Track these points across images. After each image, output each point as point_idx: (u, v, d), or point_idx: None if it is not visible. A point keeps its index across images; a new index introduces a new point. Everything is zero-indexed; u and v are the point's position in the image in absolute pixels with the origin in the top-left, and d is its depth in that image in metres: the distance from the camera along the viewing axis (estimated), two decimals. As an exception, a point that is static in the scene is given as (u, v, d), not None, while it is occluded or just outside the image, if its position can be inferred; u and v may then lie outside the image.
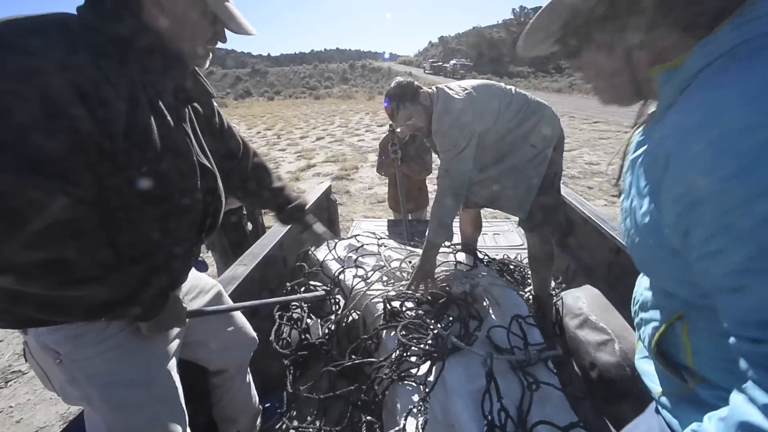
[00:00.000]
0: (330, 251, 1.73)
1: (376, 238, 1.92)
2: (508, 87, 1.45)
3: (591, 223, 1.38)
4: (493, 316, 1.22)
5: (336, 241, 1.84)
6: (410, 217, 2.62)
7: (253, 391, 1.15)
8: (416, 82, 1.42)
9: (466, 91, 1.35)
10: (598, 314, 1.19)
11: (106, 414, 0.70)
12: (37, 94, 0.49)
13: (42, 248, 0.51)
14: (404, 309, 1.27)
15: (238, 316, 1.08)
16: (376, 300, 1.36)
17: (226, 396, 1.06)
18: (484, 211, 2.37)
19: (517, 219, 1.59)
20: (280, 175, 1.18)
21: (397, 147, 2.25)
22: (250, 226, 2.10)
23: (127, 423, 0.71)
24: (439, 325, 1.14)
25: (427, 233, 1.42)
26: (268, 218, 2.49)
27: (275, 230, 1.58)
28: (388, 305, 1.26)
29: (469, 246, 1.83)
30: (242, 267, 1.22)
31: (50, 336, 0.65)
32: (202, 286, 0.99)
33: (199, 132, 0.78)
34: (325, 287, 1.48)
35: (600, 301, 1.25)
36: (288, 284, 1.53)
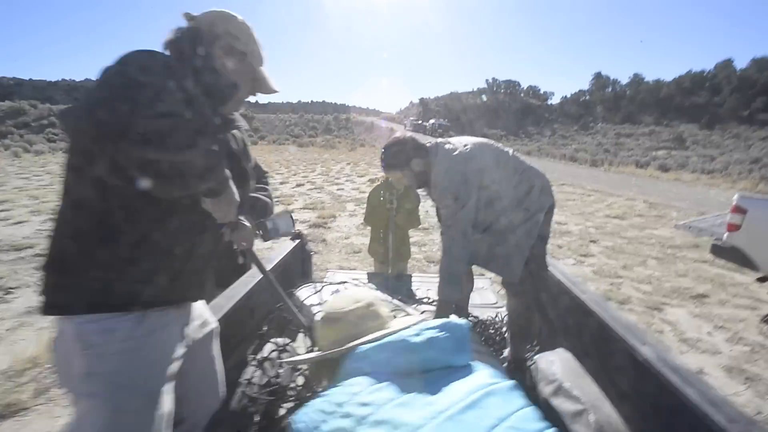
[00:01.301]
0: (315, 293, 1.67)
1: (366, 285, 1.87)
2: (506, 148, 1.51)
3: (563, 285, 1.40)
4: None
5: (323, 284, 1.78)
6: (389, 271, 2.59)
7: None
8: (414, 139, 1.44)
9: (467, 147, 1.39)
10: (573, 381, 1.15)
11: (104, 415, 0.72)
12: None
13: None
14: None
15: (220, 357, 1.02)
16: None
17: None
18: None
19: (492, 276, 1.60)
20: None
21: (394, 197, 2.28)
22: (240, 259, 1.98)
23: (119, 429, 0.73)
24: None
25: (438, 293, 1.38)
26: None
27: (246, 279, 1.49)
28: None
29: (459, 303, 1.80)
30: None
31: (90, 325, 0.71)
32: (205, 319, 0.98)
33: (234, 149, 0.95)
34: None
35: (573, 366, 1.22)
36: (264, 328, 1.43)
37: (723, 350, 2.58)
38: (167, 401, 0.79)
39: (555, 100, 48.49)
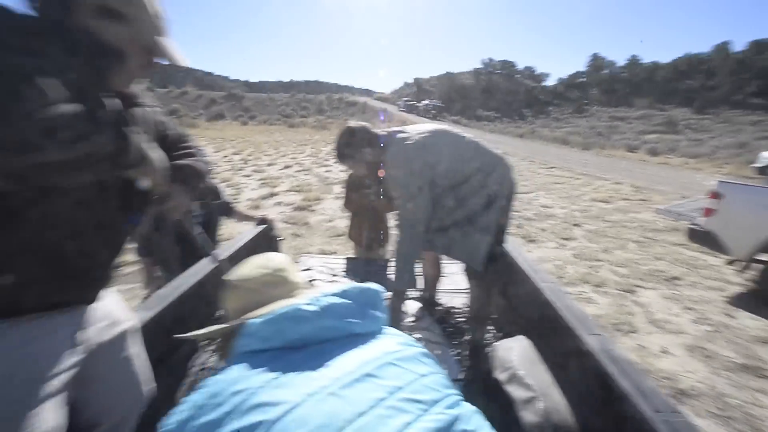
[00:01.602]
0: None
1: (330, 274, 1.86)
2: (464, 134, 1.48)
3: (524, 273, 1.40)
4: None
5: None
6: (366, 257, 2.57)
7: None
8: (367, 129, 1.42)
9: (421, 135, 1.37)
10: (527, 368, 1.17)
11: None
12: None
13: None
14: None
15: (141, 355, 0.96)
16: None
17: None
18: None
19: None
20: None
21: (373, 182, 2.23)
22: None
23: None
24: None
25: (391, 283, 1.38)
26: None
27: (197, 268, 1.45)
28: None
29: (426, 291, 1.81)
30: (147, 311, 1.08)
31: None
32: (115, 319, 0.90)
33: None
34: None
35: (530, 354, 1.23)
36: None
37: (688, 330, 2.66)
38: (50, 418, 0.69)
39: (551, 82, 47.96)
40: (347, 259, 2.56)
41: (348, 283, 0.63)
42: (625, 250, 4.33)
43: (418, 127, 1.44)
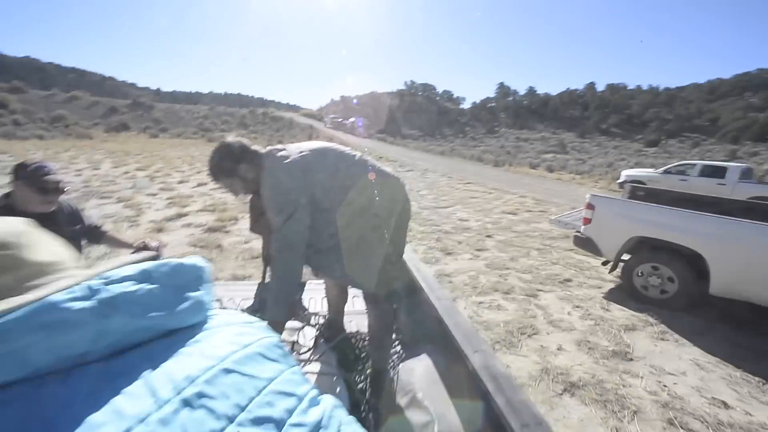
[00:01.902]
0: None
1: (241, 302, 1.67)
2: (352, 152, 1.45)
3: (422, 290, 1.41)
4: None
5: None
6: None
7: None
8: (245, 145, 1.34)
9: (301, 154, 1.31)
10: (426, 390, 1.16)
11: None
12: None
13: None
14: None
15: None
16: None
17: None
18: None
19: None
20: None
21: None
22: None
23: None
24: None
25: (267, 312, 1.26)
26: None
27: None
28: None
29: (331, 314, 1.72)
30: None
31: None
32: None
33: None
34: None
35: (431, 374, 1.24)
36: None
37: (577, 326, 3.03)
38: None
39: (466, 105, 52.92)
40: (259, 284, 2.36)
41: (151, 262, 0.43)
42: (528, 258, 4.82)
43: (301, 145, 1.38)
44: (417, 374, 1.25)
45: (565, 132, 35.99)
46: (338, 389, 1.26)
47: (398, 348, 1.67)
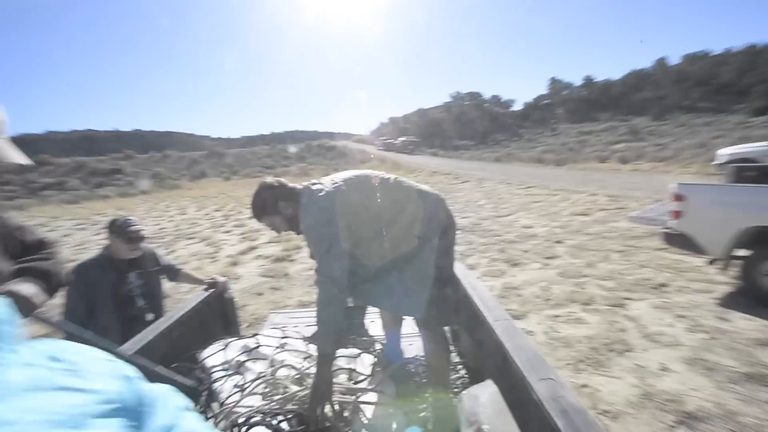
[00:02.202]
0: (220, 351, 1.54)
1: (278, 337, 1.72)
2: (387, 176, 1.45)
3: (479, 312, 1.30)
4: None
5: (229, 340, 1.64)
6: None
7: None
8: (282, 183, 1.40)
9: (334, 185, 1.32)
10: (492, 421, 1.05)
11: None
12: None
13: None
14: None
15: None
16: (241, 419, 1.15)
17: None
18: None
19: None
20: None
21: None
22: (151, 316, 1.81)
23: None
24: None
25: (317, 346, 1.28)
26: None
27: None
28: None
29: (387, 339, 1.69)
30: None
31: None
32: None
33: None
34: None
35: (497, 402, 1.12)
36: None
37: (684, 341, 2.55)
38: None
39: (518, 106, 50.64)
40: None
41: None
42: (608, 262, 4.29)
43: (335, 176, 1.39)
44: (482, 402, 1.13)
45: (636, 117, 32.23)
46: (397, 421, 1.20)
47: (462, 372, 1.56)
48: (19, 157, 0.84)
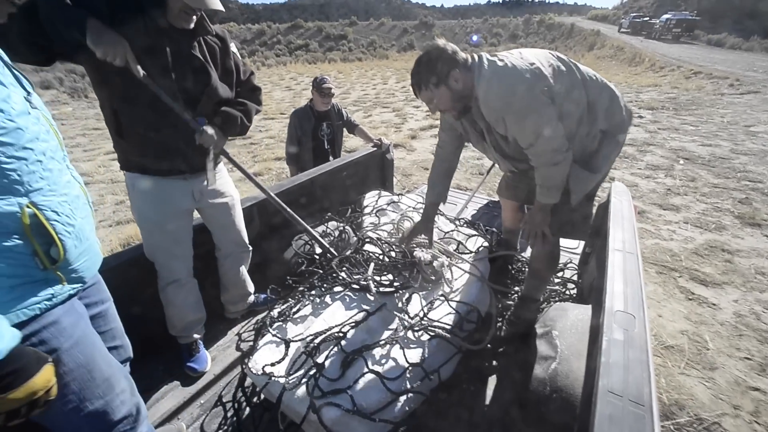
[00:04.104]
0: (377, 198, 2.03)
1: (419, 201, 2.03)
2: (570, 60, 1.21)
3: (608, 245, 1.10)
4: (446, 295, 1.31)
5: (382, 193, 2.07)
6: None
7: (246, 278, 1.55)
8: (456, 50, 1.15)
9: (522, 58, 1.13)
10: (563, 332, 1.04)
11: (141, 233, 1.28)
12: None
13: None
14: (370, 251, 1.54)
15: (239, 219, 1.45)
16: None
17: (221, 269, 1.51)
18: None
19: None
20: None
21: None
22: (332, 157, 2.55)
23: (150, 243, 1.28)
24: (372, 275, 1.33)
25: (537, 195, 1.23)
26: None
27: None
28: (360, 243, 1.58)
29: (504, 236, 1.75)
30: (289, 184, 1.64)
31: (128, 179, 1.22)
32: (223, 190, 1.38)
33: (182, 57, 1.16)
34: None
35: (582, 324, 1.07)
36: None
37: None
38: (182, 230, 1.28)
39: None
40: (467, 194, 2.60)
41: None
42: None
43: (512, 51, 1.18)
44: (565, 318, 1.11)
45: None
46: (483, 295, 1.33)
47: (573, 291, 1.49)
48: (215, 4, 1.09)
